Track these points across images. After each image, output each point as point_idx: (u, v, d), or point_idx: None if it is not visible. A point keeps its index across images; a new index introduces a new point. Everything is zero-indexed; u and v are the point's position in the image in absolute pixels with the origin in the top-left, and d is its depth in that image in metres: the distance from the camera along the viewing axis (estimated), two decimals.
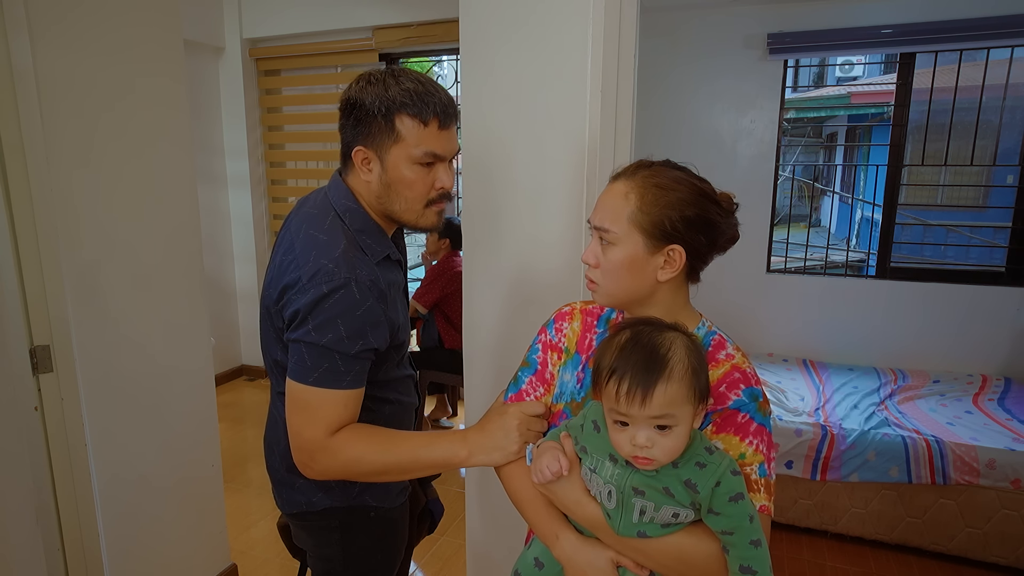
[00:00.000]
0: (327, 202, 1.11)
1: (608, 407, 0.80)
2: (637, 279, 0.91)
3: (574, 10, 1.50)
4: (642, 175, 0.91)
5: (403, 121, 1.03)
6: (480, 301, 1.79)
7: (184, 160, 1.96)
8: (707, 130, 3.50)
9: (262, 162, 4.28)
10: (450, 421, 3.78)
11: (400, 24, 3.68)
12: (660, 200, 0.89)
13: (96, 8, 1.67)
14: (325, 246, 1.04)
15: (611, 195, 0.93)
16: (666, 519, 0.82)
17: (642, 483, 0.81)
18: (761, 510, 0.87)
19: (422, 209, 1.11)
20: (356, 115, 1.05)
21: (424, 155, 1.05)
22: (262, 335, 1.19)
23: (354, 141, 1.07)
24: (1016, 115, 3.28)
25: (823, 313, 3.45)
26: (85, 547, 1.76)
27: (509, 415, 1.00)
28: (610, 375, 0.78)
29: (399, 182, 1.07)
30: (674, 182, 0.90)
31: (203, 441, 2.10)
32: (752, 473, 0.87)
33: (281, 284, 1.05)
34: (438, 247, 3.39)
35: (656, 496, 0.81)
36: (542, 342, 1.06)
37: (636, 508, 0.83)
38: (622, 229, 0.90)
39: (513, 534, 1.79)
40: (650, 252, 0.90)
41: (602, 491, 0.85)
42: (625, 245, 0.90)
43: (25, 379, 1.60)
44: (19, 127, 1.52)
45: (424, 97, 1.03)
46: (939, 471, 2.35)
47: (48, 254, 1.59)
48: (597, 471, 0.86)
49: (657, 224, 0.89)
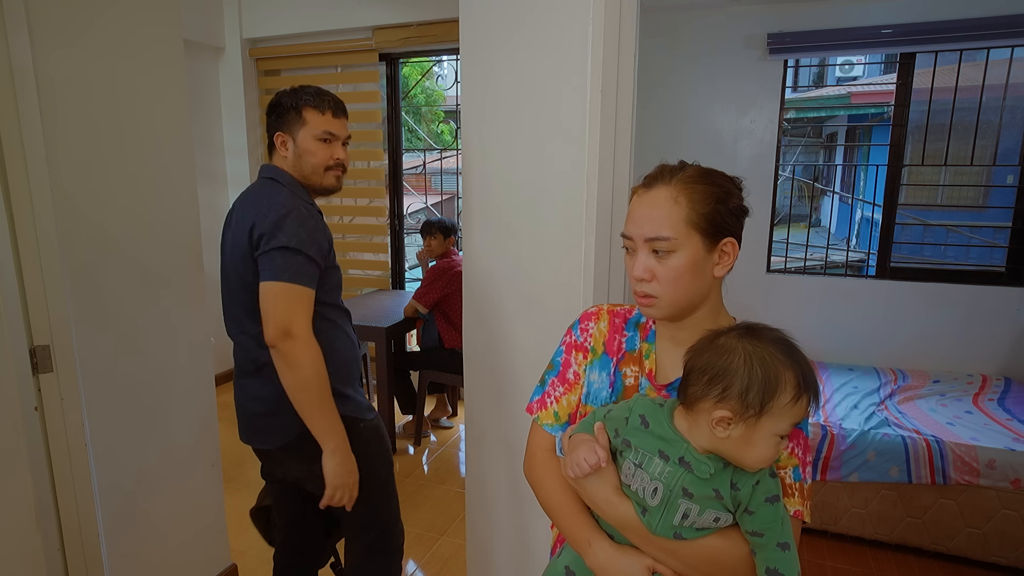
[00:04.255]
0: (261, 179, 1.55)
1: (791, 422, 0.78)
2: (699, 281, 0.91)
3: (574, 10, 1.50)
4: (679, 178, 0.90)
5: (308, 111, 1.51)
6: (480, 301, 1.79)
7: (184, 160, 1.96)
8: (707, 130, 3.50)
9: (262, 162, 4.28)
10: (450, 421, 3.78)
11: (400, 24, 3.68)
12: (709, 196, 0.89)
13: (96, 8, 1.67)
14: (272, 195, 1.46)
15: (656, 203, 0.90)
16: (707, 523, 0.82)
17: (693, 484, 0.80)
18: (795, 515, 0.87)
19: (323, 172, 1.55)
20: (277, 112, 1.53)
21: (323, 133, 1.52)
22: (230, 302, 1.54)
23: (275, 129, 1.54)
24: (1016, 115, 3.28)
25: (823, 313, 3.45)
26: (85, 547, 1.76)
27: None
28: (803, 392, 0.78)
29: (306, 152, 1.52)
30: (712, 176, 0.91)
31: (203, 441, 2.10)
32: (787, 477, 0.88)
33: (246, 230, 1.43)
34: (445, 247, 3.40)
35: (705, 498, 0.80)
36: (566, 343, 1.05)
37: (680, 510, 0.82)
38: (681, 233, 0.88)
39: (513, 534, 1.79)
40: (708, 250, 0.90)
41: (647, 487, 0.83)
42: (686, 249, 0.89)
43: (25, 379, 1.60)
44: (19, 127, 1.52)
45: (321, 95, 1.52)
46: (939, 471, 2.35)
47: (48, 254, 1.59)
48: (644, 467, 0.84)
49: (712, 221, 0.89)
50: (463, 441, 3.53)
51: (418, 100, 8.27)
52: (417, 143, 7.79)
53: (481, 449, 1.86)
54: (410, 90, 6.24)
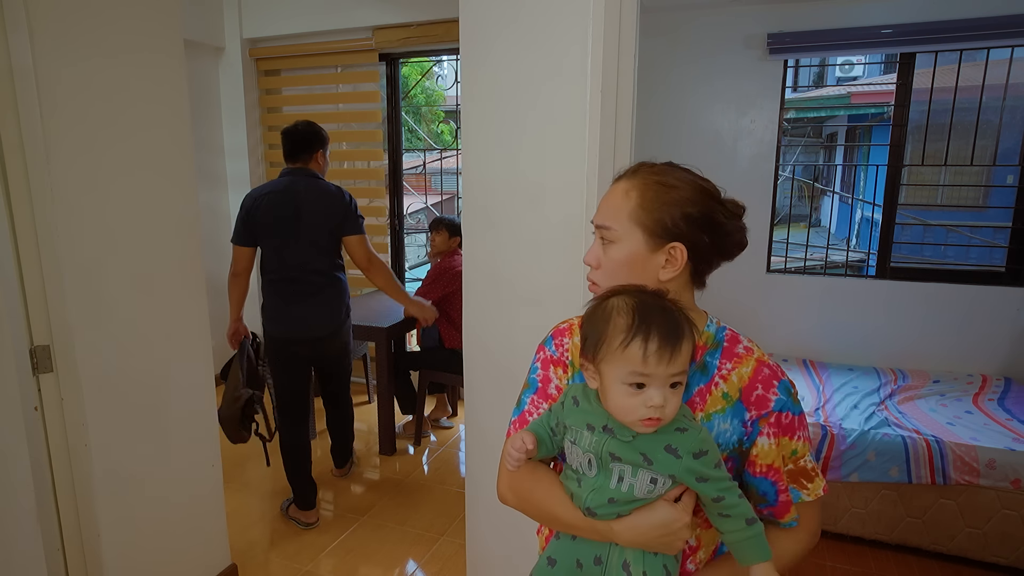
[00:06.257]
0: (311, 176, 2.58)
1: (629, 370, 0.79)
2: (638, 279, 0.90)
3: (574, 10, 1.50)
4: (643, 173, 0.92)
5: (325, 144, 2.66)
6: (480, 301, 1.79)
7: (184, 160, 1.96)
8: (707, 130, 3.50)
9: (262, 162, 4.28)
10: (450, 421, 3.78)
11: (400, 24, 3.68)
12: (661, 197, 0.89)
13: (96, 8, 1.67)
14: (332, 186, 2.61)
15: (613, 193, 0.93)
16: (644, 486, 0.82)
17: (619, 448, 0.82)
18: (824, 491, 0.93)
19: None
20: (319, 138, 2.61)
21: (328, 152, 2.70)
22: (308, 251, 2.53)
23: (318, 148, 2.61)
24: (1016, 115, 3.28)
25: (823, 313, 3.45)
26: (85, 547, 1.76)
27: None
28: (633, 336, 0.78)
29: (325, 164, 2.67)
30: (676, 180, 0.90)
31: (203, 441, 2.10)
32: (807, 463, 0.91)
33: (338, 204, 2.57)
34: (448, 245, 3.39)
35: (633, 459, 0.82)
36: (541, 359, 1.02)
37: (615, 473, 0.83)
38: (622, 226, 0.90)
39: (513, 534, 1.79)
40: (651, 250, 0.89)
41: (582, 461, 0.86)
42: (625, 243, 0.90)
43: (25, 379, 1.60)
44: (19, 127, 1.52)
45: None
46: (939, 471, 2.35)
47: (48, 254, 1.59)
48: (577, 442, 0.86)
49: (658, 221, 0.88)
50: (463, 441, 3.53)
51: (418, 100, 8.27)
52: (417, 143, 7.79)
53: (481, 449, 1.86)
54: (410, 90, 6.24)
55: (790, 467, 0.90)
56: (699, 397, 0.89)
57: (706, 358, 0.91)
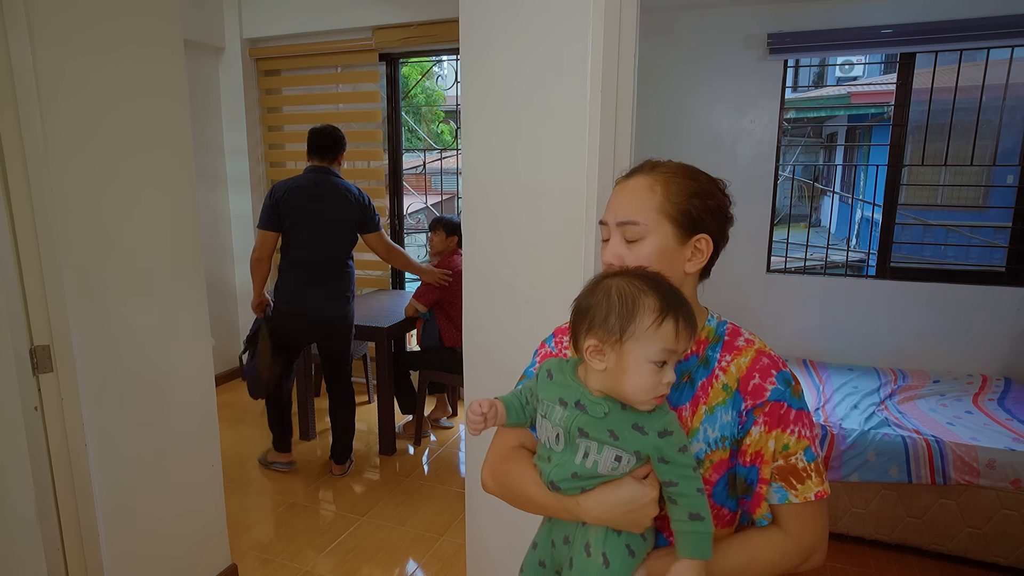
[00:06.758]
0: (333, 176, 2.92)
1: (661, 347, 0.78)
2: (667, 273, 0.88)
3: (574, 10, 1.50)
4: (660, 169, 0.92)
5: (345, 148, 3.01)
6: (480, 301, 1.79)
7: (184, 160, 1.96)
8: (707, 130, 3.50)
9: (262, 162, 4.28)
10: (450, 421, 3.78)
11: (400, 24, 3.68)
12: (685, 189, 0.89)
13: (96, 8, 1.67)
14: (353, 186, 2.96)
15: (632, 190, 0.91)
16: (608, 463, 0.82)
17: (588, 424, 0.82)
18: (818, 496, 0.85)
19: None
20: (344, 142, 2.97)
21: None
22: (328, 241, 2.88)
23: (340, 151, 2.95)
24: (1016, 115, 3.28)
25: (823, 313, 3.45)
26: (85, 547, 1.76)
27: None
28: (666, 315, 0.78)
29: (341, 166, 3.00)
30: (693, 172, 0.92)
31: (203, 441, 2.10)
32: (798, 462, 0.86)
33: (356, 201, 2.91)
34: (446, 245, 3.39)
35: (600, 436, 0.82)
36: (542, 355, 1.04)
37: (581, 449, 0.83)
38: (651, 220, 0.88)
39: (513, 534, 1.79)
40: (679, 243, 0.89)
41: (551, 435, 0.86)
42: (655, 237, 0.89)
43: (25, 379, 1.60)
44: (19, 127, 1.52)
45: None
46: (939, 471, 2.35)
47: (48, 254, 1.59)
48: (548, 416, 0.87)
49: (685, 213, 0.88)
50: (463, 441, 3.53)
51: (418, 100, 8.28)
52: (417, 143, 7.79)
53: (481, 449, 1.86)
54: (410, 90, 6.24)
55: (779, 463, 0.86)
56: (702, 391, 0.89)
57: (708, 352, 0.92)
